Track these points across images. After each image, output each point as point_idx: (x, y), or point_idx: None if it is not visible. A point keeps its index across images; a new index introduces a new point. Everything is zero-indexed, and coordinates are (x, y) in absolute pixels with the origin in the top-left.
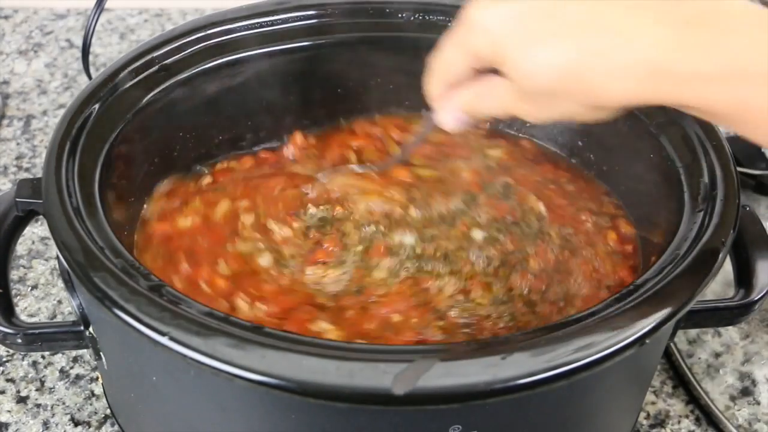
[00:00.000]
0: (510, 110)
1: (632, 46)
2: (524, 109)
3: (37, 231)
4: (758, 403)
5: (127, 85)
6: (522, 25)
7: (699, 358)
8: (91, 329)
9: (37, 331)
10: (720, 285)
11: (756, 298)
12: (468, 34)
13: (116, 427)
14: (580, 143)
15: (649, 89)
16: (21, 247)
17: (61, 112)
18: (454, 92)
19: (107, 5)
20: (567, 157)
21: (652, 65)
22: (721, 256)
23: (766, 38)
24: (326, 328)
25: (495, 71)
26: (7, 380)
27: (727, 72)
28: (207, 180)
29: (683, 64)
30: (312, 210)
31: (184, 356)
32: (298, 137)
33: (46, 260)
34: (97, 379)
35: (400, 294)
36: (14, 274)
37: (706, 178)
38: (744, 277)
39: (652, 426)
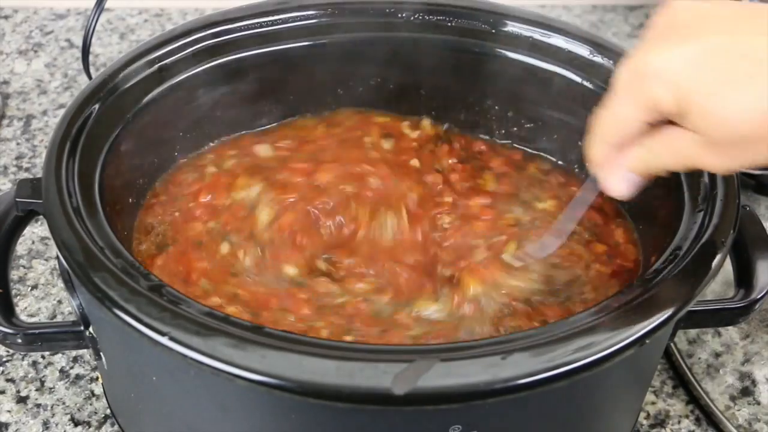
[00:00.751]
0: (692, 163)
1: None
2: (710, 160)
3: (37, 231)
4: (758, 403)
5: (127, 85)
6: (710, 68)
7: (699, 358)
8: (91, 329)
9: (37, 331)
10: (720, 285)
11: (756, 298)
12: (644, 84)
13: (116, 427)
14: (580, 143)
15: None
16: (21, 247)
17: (61, 112)
18: (622, 152)
19: (107, 5)
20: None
21: None
22: (720, 256)
23: None
24: None
25: (669, 121)
26: (7, 380)
27: None
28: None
29: None
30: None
31: (184, 356)
32: None
33: (46, 260)
34: (97, 379)
35: None
36: (14, 274)
37: (705, 178)
38: (744, 277)
39: (652, 426)
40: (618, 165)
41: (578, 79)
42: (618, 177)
